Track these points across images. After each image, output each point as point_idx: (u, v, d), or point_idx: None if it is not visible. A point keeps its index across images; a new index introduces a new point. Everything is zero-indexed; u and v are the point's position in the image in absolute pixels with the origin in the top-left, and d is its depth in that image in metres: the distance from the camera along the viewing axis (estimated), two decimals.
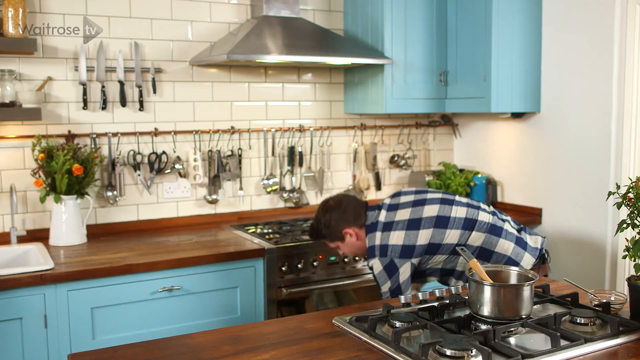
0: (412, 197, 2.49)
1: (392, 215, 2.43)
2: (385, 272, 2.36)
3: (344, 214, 2.52)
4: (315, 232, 2.61)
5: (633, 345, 1.63)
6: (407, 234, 2.36)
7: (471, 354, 1.51)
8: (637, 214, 1.84)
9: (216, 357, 1.56)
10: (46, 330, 2.54)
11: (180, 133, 3.40)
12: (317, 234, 2.61)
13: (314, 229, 2.62)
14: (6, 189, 3.02)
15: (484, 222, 2.40)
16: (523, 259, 2.40)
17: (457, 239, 2.38)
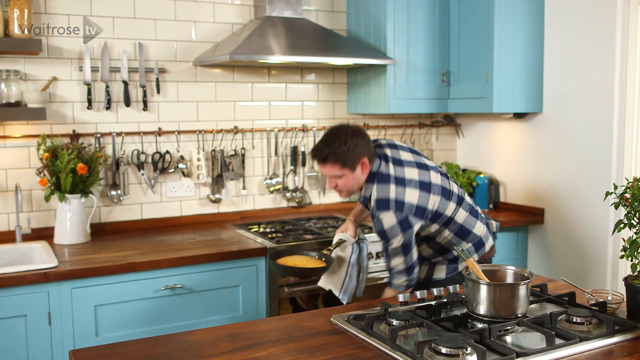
0: (411, 156, 2.49)
1: (400, 171, 2.40)
2: (400, 226, 2.32)
3: (368, 144, 2.43)
4: (329, 152, 2.38)
5: (628, 344, 1.64)
6: (421, 195, 2.35)
7: (466, 352, 1.53)
8: (634, 214, 1.85)
9: (214, 354, 1.58)
10: (50, 327, 2.57)
11: (183, 133, 3.43)
12: (331, 155, 2.38)
13: (328, 147, 2.38)
14: (11, 187, 3.06)
15: (467, 202, 2.54)
16: (488, 241, 2.59)
17: (452, 212, 2.45)
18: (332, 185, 2.47)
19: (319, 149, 2.42)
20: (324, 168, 2.43)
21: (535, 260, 3.72)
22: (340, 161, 2.39)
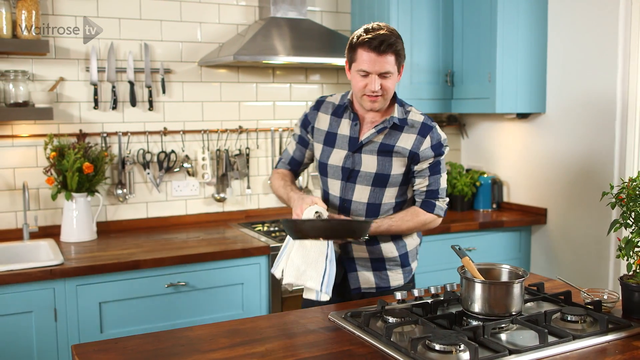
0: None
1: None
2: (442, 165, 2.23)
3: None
4: (395, 40, 2.03)
5: (621, 343, 1.66)
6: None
7: (459, 349, 1.55)
8: (630, 213, 1.87)
9: (213, 349, 1.61)
10: (56, 323, 2.62)
11: (189, 132, 3.47)
12: (395, 44, 2.03)
13: (392, 35, 2.03)
14: (19, 186, 3.11)
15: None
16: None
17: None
18: (376, 87, 2.04)
19: (382, 34, 2.01)
20: (380, 59, 2.01)
21: (538, 260, 3.74)
22: (400, 55, 2.06)
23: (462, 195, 3.88)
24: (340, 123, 2.24)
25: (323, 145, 2.26)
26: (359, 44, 2.05)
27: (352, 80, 2.13)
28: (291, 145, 2.40)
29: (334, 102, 2.29)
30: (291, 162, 2.41)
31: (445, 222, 3.54)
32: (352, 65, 2.11)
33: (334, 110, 2.27)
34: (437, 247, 3.40)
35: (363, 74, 2.06)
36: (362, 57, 2.04)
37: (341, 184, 2.22)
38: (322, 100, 2.32)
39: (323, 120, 2.28)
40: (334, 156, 2.22)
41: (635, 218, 1.85)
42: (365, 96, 2.10)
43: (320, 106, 2.31)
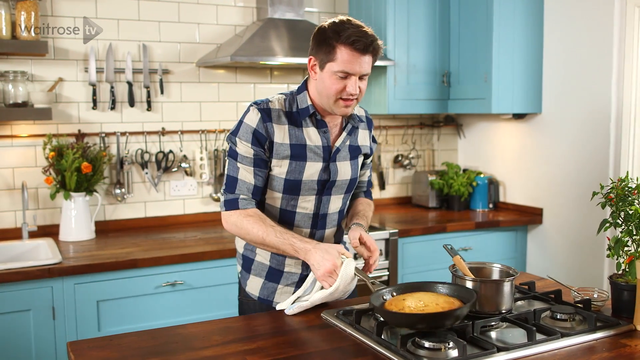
0: None
1: None
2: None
3: None
4: (375, 39, 1.85)
5: (608, 341, 1.68)
6: None
7: (448, 346, 1.57)
8: (619, 213, 1.89)
9: (205, 347, 1.63)
10: (54, 321, 2.65)
11: (187, 132, 3.50)
12: (377, 43, 1.86)
13: (372, 34, 1.86)
14: (18, 185, 3.14)
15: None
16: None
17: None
18: (355, 90, 1.87)
19: (367, 33, 1.83)
20: (362, 59, 1.83)
21: (534, 260, 3.76)
22: (378, 55, 1.90)
23: (459, 195, 3.90)
24: (304, 132, 1.95)
25: (290, 160, 1.93)
26: (342, 42, 1.80)
27: (325, 82, 1.87)
28: (246, 171, 1.92)
29: (281, 109, 1.94)
30: (255, 193, 1.94)
31: (442, 222, 3.57)
32: (326, 66, 1.85)
33: (288, 119, 1.94)
34: (433, 246, 3.42)
35: (343, 75, 1.83)
36: (343, 56, 1.81)
37: (315, 198, 2.00)
38: (267, 108, 1.92)
39: (280, 132, 1.92)
40: (308, 170, 1.95)
41: (624, 218, 1.87)
42: (341, 100, 1.88)
43: (271, 116, 1.92)
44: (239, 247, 2.13)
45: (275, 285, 2.05)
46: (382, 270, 3.33)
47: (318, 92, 1.92)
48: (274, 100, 1.96)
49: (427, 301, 1.63)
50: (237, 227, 1.93)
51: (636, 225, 1.84)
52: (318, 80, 1.90)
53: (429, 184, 3.97)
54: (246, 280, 2.10)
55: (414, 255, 3.44)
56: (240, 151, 1.92)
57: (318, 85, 1.90)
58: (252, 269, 2.07)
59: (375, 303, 1.67)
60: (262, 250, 2.04)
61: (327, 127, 1.98)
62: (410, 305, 1.62)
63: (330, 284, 1.83)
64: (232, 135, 1.93)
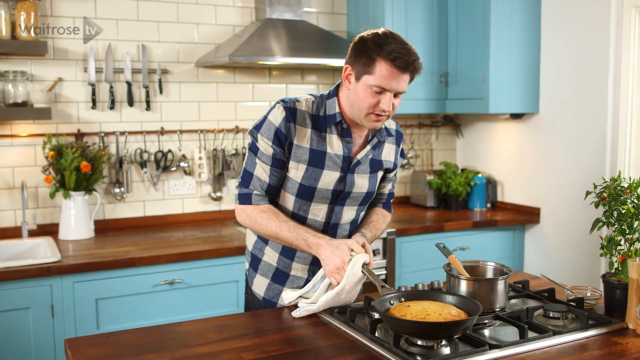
0: None
1: None
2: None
3: None
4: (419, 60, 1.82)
5: (600, 338, 1.70)
6: None
7: (441, 344, 1.59)
8: (612, 212, 1.90)
9: (201, 344, 1.65)
10: (53, 319, 2.67)
11: (185, 132, 3.52)
12: (420, 64, 1.83)
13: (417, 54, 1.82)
14: (18, 185, 3.16)
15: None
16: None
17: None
18: (389, 106, 1.82)
19: (409, 50, 1.78)
20: (401, 77, 1.78)
21: (531, 259, 3.77)
22: (417, 75, 1.85)
23: (457, 195, 3.91)
24: (327, 139, 1.91)
25: (307, 166, 1.90)
26: (383, 57, 1.75)
27: (358, 94, 1.81)
28: (262, 168, 1.91)
29: (307, 112, 1.91)
30: (269, 191, 1.94)
31: (439, 221, 3.59)
32: (362, 77, 1.79)
33: (312, 123, 1.90)
34: (430, 245, 3.42)
35: (378, 90, 1.78)
36: (382, 71, 1.76)
37: (328, 207, 1.97)
38: (292, 108, 1.89)
39: (302, 134, 1.89)
40: (324, 179, 1.92)
41: (617, 217, 1.89)
42: (373, 115, 1.83)
43: (296, 117, 1.88)
44: (249, 245, 2.12)
45: (281, 287, 2.05)
46: (380, 269, 3.35)
47: (350, 103, 1.86)
48: (302, 100, 1.92)
49: (431, 310, 1.62)
50: (251, 220, 1.93)
51: (628, 224, 1.86)
52: (352, 90, 1.84)
53: (427, 183, 3.99)
54: (252, 279, 2.10)
55: (411, 254, 3.45)
56: (261, 147, 1.89)
57: (351, 95, 1.85)
58: (259, 268, 2.08)
59: (379, 307, 1.66)
60: (271, 251, 2.04)
61: (351, 137, 1.93)
62: (413, 312, 1.61)
63: (339, 280, 1.81)
64: (255, 130, 1.91)
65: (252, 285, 2.11)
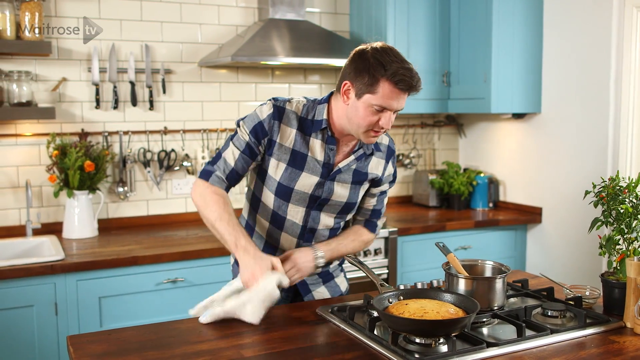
0: None
1: None
2: None
3: None
4: (420, 85, 1.84)
5: (597, 337, 1.71)
6: None
7: (438, 342, 1.60)
8: (610, 212, 1.91)
9: (201, 341, 1.67)
10: (56, 317, 2.69)
11: (188, 132, 3.54)
12: (419, 88, 1.84)
13: (419, 79, 1.83)
14: (22, 184, 3.18)
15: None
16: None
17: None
18: (389, 125, 1.85)
19: (412, 71, 1.79)
20: (402, 96, 1.81)
21: (533, 259, 3.78)
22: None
23: (459, 194, 3.92)
24: (310, 142, 1.93)
25: (287, 165, 1.92)
26: (387, 78, 1.75)
27: (358, 112, 1.81)
28: (232, 152, 1.92)
29: (296, 113, 1.93)
30: (230, 175, 1.94)
31: (441, 221, 3.60)
32: (364, 96, 1.79)
33: (299, 124, 1.92)
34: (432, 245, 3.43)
35: (379, 108, 1.79)
36: (385, 91, 1.76)
37: (305, 211, 1.98)
38: (281, 107, 1.92)
39: (286, 134, 1.92)
40: (302, 181, 1.93)
41: (615, 216, 1.90)
42: (371, 131, 1.85)
43: (282, 116, 1.91)
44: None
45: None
46: (382, 268, 3.36)
47: (347, 118, 1.86)
48: (293, 102, 1.94)
49: (428, 308, 1.63)
50: (200, 197, 1.93)
51: (627, 223, 1.87)
52: (350, 106, 1.83)
53: (429, 183, 4.00)
54: (236, 274, 2.13)
55: (413, 253, 3.46)
56: (239, 134, 1.94)
57: (349, 111, 1.84)
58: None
59: (378, 305, 1.68)
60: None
61: (335, 145, 1.93)
62: (411, 310, 1.63)
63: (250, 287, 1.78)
64: (240, 120, 1.97)
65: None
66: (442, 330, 1.57)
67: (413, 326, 1.58)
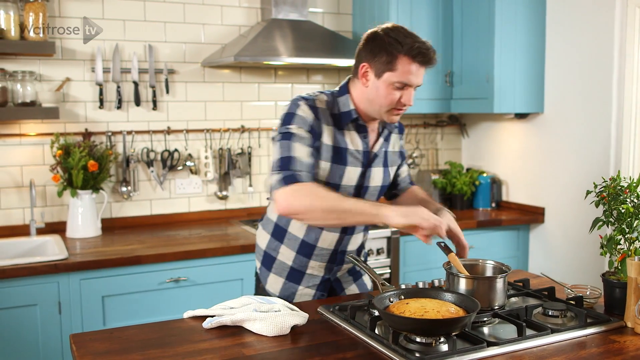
0: None
1: None
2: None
3: None
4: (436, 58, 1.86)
5: (598, 337, 1.71)
6: None
7: (439, 341, 1.61)
8: (611, 212, 1.92)
9: (203, 339, 1.68)
10: (60, 316, 2.71)
11: (192, 131, 3.55)
12: (435, 62, 1.87)
13: (435, 52, 1.85)
14: (26, 183, 3.20)
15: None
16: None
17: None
18: (411, 100, 1.87)
19: (428, 46, 1.81)
20: (421, 71, 1.83)
21: (536, 258, 3.78)
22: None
23: (462, 194, 3.93)
24: (346, 135, 1.93)
25: (332, 163, 1.90)
26: (405, 53, 1.77)
27: (379, 91, 1.82)
28: (302, 149, 1.83)
29: (326, 109, 1.91)
30: (311, 171, 1.84)
31: None
32: (384, 75, 1.81)
33: (332, 120, 1.91)
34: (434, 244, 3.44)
35: (400, 85, 1.81)
36: (405, 67, 1.78)
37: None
38: (314, 106, 1.88)
39: (327, 133, 1.89)
40: (347, 175, 1.93)
41: (616, 216, 1.90)
42: (394, 109, 1.86)
43: (318, 114, 1.88)
44: (261, 244, 2.12)
45: (296, 286, 2.08)
46: (384, 268, 3.37)
47: (368, 100, 1.87)
48: (317, 99, 1.91)
49: (429, 307, 1.64)
50: (304, 197, 1.75)
51: (628, 223, 1.87)
52: (370, 87, 1.85)
53: (432, 182, 4.00)
54: (266, 278, 2.12)
55: (415, 253, 3.47)
56: (297, 133, 1.82)
57: (369, 92, 1.85)
58: (273, 267, 2.09)
59: (379, 304, 1.68)
60: (287, 250, 2.05)
61: (367, 131, 1.95)
62: (411, 309, 1.63)
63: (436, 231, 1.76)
64: (284, 125, 1.85)
65: (265, 284, 2.13)
66: (442, 330, 1.58)
67: (414, 325, 1.58)
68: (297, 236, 2.04)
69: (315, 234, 2.02)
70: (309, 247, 2.03)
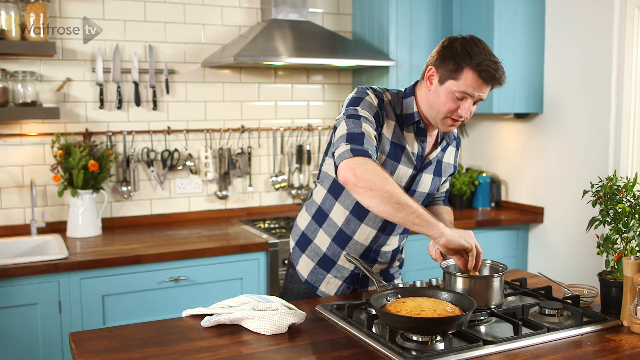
0: None
1: None
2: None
3: None
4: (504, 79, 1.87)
5: (594, 335, 1.72)
6: None
7: (435, 339, 1.62)
8: (608, 211, 1.92)
9: (202, 338, 1.69)
10: (60, 315, 2.72)
11: (192, 131, 3.56)
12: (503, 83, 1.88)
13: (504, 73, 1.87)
14: (27, 183, 3.22)
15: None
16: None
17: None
18: (467, 113, 1.86)
19: (497, 64, 1.83)
20: (485, 87, 1.83)
21: (535, 258, 3.79)
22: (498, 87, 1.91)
23: (461, 194, 3.94)
24: (404, 135, 1.94)
25: (386, 157, 1.91)
26: (471, 67, 1.79)
27: (439, 97, 1.84)
28: (370, 130, 1.83)
29: (389, 104, 1.92)
30: (376, 152, 1.84)
31: None
32: (447, 82, 1.82)
33: (396, 117, 1.93)
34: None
35: (460, 96, 1.82)
36: (468, 80, 1.80)
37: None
38: (381, 98, 1.90)
39: (388, 126, 1.91)
40: (399, 173, 1.94)
41: (613, 216, 1.91)
42: (449, 119, 1.87)
43: (384, 107, 1.90)
44: (301, 224, 2.13)
45: (325, 273, 2.10)
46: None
47: (428, 103, 1.88)
48: (384, 93, 1.93)
49: (426, 306, 1.65)
50: (372, 172, 1.72)
51: (624, 223, 1.88)
52: (432, 92, 1.86)
53: None
54: (298, 258, 2.13)
55: (414, 253, 3.47)
56: (364, 115, 1.84)
57: (430, 96, 1.87)
58: (308, 249, 2.10)
59: (376, 303, 1.69)
60: (324, 235, 2.05)
61: (426, 136, 1.96)
62: (408, 308, 1.64)
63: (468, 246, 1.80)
64: (352, 106, 1.86)
65: (296, 265, 2.13)
66: (438, 328, 1.59)
67: (410, 324, 1.59)
68: (337, 224, 2.04)
69: (354, 226, 2.02)
70: (345, 238, 2.04)
